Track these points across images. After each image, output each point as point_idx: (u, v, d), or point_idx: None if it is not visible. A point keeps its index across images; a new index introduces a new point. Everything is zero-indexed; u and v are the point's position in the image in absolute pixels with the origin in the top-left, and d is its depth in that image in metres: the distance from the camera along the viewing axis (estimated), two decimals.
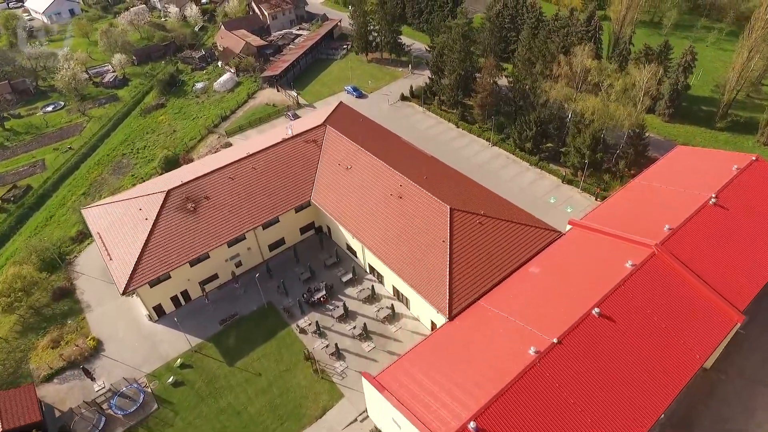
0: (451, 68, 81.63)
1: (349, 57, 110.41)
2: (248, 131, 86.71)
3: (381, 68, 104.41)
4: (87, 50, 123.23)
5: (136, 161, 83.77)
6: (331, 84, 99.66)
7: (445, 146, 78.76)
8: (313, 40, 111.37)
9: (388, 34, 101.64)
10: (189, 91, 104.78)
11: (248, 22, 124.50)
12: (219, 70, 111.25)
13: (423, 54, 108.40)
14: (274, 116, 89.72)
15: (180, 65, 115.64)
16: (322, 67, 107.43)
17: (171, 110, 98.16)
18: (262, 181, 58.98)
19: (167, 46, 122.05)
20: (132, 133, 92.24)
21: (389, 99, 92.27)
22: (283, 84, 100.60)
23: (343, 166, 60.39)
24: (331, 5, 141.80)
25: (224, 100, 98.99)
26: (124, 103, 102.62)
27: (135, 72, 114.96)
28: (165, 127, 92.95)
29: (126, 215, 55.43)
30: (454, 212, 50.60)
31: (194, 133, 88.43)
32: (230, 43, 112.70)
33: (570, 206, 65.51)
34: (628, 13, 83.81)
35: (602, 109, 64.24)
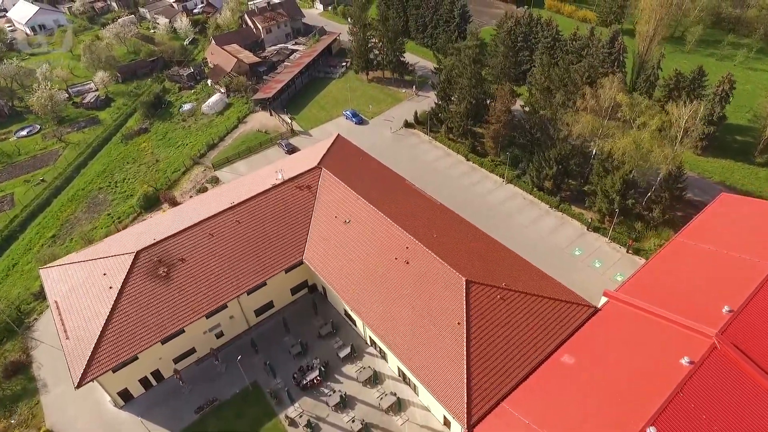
0: (461, 95, 73.86)
1: (348, 75, 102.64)
2: (237, 162, 78.93)
3: (383, 89, 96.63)
4: (69, 66, 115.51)
5: (113, 197, 75.99)
6: (329, 107, 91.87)
7: (455, 183, 71.02)
8: (310, 57, 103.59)
9: (390, 53, 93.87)
10: (175, 113, 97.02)
11: (241, 36, 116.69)
12: (208, 89, 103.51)
13: (428, 73, 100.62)
14: (267, 145, 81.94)
15: (167, 83, 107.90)
16: (320, 86, 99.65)
17: (155, 136, 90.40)
18: (248, 238, 51.26)
19: (154, 62, 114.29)
20: (111, 162, 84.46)
21: (392, 126, 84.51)
22: (276, 107, 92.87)
23: (341, 218, 52.67)
24: (329, 17, 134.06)
25: (213, 125, 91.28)
26: (104, 127, 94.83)
27: (119, 90, 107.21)
28: (147, 156, 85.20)
29: (88, 281, 47.71)
30: (472, 285, 42.90)
31: (178, 164, 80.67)
32: (221, 60, 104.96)
33: (598, 260, 57.77)
34: (657, 32, 75.79)
35: (634, 151, 56.53)
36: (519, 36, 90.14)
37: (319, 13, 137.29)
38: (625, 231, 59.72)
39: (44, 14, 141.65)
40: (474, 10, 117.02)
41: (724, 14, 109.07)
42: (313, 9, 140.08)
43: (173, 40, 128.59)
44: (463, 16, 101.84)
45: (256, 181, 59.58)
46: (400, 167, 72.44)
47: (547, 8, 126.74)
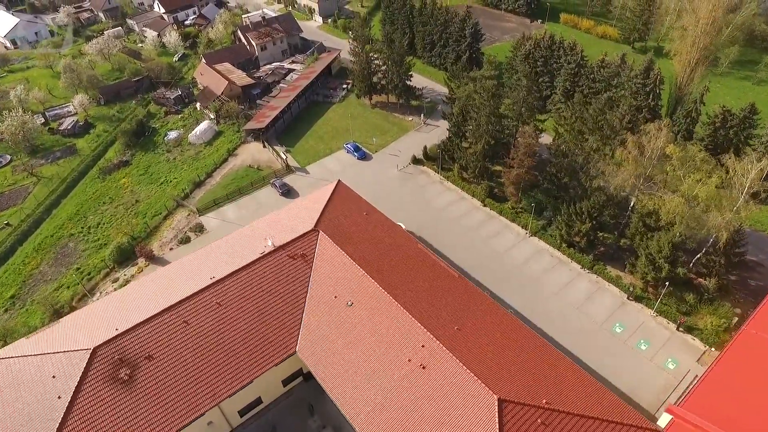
0: (477, 134, 65.23)
1: (349, 99, 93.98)
2: (225, 206, 70.28)
3: (387, 116, 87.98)
4: (47, 86, 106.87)
5: (85, 246, 67.43)
6: (328, 138, 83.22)
7: (471, 235, 62.46)
8: (308, 78, 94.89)
9: (396, 77, 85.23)
10: (160, 142, 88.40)
11: (233, 53, 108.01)
12: (197, 114, 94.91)
13: (437, 97, 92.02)
14: (258, 184, 73.33)
15: (152, 107, 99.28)
16: (318, 112, 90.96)
17: (136, 170, 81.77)
18: (231, 325, 42.68)
19: (139, 82, 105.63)
20: (86, 202, 75.88)
21: (398, 162, 75.88)
22: (270, 137, 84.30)
23: (342, 299, 44.14)
24: (329, 30, 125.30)
25: (200, 157, 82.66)
26: (81, 158, 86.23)
27: (101, 114, 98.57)
28: (126, 194, 76.60)
29: (35, 383, 39.16)
30: (506, 406, 34.37)
31: (160, 206, 72.13)
32: (211, 82, 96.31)
33: (644, 341, 49.24)
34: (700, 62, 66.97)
35: (687, 213, 48.01)
36: (538, 60, 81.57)
37: (318, 26, 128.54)
38: (673, 302, 51.19)
39: (25, 27, 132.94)
40: (484, 24, 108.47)
41: (758, 32, 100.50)
42: (312, 22, 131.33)
43: (162, 56, 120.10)
44: (475, 35, 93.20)
45: (242, 242, 51.03)
46: (408, 215, 64.41)
47: (562, 23, 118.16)
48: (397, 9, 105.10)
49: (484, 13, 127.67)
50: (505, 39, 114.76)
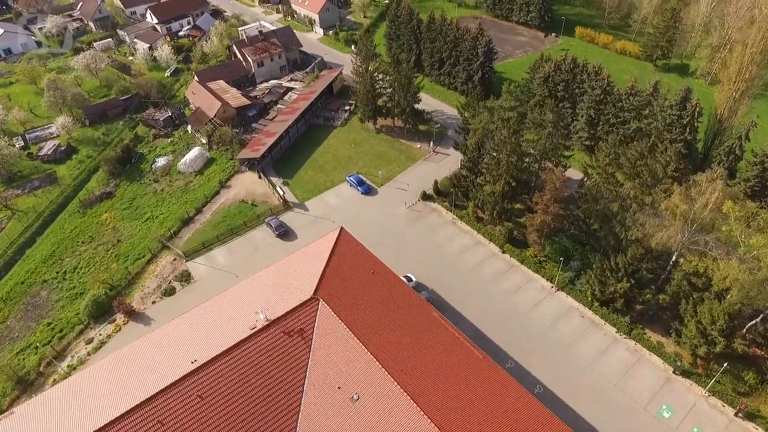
0: (496, 173, 58.34)
1: (352, 122, 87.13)
2: (215, 249, 63.51)
3: (393, 143, 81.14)
4: (29, 105, 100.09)
5: (59, 296, 60.65)
6: (329, 168, 76.36)
7: (489, 289, 55.67)
8: (308, 99, 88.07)
9: (403, 101, 78.40)
10: (147, 170, 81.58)
11: (228, 69, 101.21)
12: (187, 138, 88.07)
13: (447, 121, 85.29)
14: (252, 223, 66.56)
15: (141, 129, 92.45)
16: (319, 137, 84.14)
17: (119, 203, 74.94)
18: (214, 423, 35.90)
19: (128, 101, 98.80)
20: (63, 241, 69.10)
21: (406, 198, 69.05)
22: (266, 166, 77.54)
23: (347, 391, 37.34)
24: (330, 43, 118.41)
25: (189, 189, 75.85)
26: (62, 188, 79.42)
27: (85, 136, 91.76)
28: (107, 232, 69.78)
29: None
30: None
31: (143, 247, 65.36)
32: (203, 102, 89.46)
33: (697, 428, 42.41)
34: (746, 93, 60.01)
35: (748, 281, 41.23)
36: (559, 84, 74.77)
37: (318, 39, 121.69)
38: (729, 381, 44.41)
39: (10, 37, 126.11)
40: (494, 37, 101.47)
41: None
42: (312, 34, 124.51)
43: (153, 71, 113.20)
44: (488, 54, 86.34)
45: (230, 309, 44.28)
46: (419, 262, 58.22)
47: (577, 37, 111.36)
48: (402, 23, 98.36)
49: (494, 25, 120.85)
50: (517, 54, 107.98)
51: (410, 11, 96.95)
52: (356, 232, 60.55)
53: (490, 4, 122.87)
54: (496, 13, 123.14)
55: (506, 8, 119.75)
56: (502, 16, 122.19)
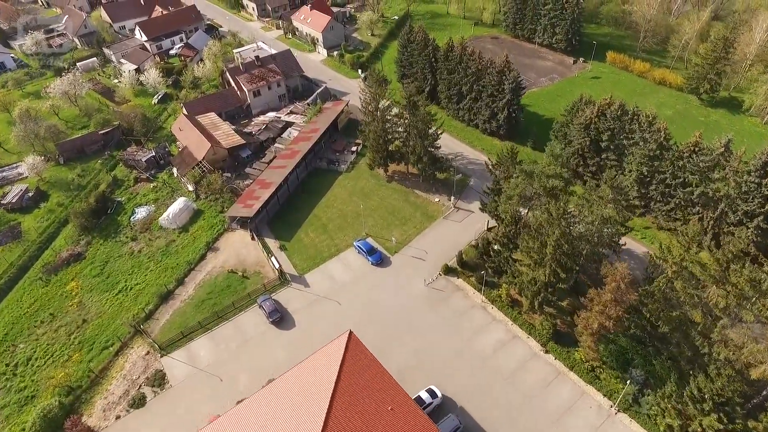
0: (538, 258, 47.48)
1: (360, 166, 76.34)
2: (197, 340, 52.88)
3: (408, 195, 70.35)
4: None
5: (4, 400, 50.04)
6: (334, 227, 65.62)
7: (531, 407, 44.89)
8: (309, 140, 77.36)
9: (420, 148, 67.60)
10: (125, 223, 71.02)
11: (221, 100, 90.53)
12: (173, 182, 77.45)
13: (468, 167, 74.65)
14: (242, 304, 55.89)
15: (120, 169, 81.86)
16: (321, 186, 73.39)
17: (89, 268, 64.29)
18: None
19: (108, 135, 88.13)
20: (19, 320, 58.52)
21: (425, 272, 58.29)
22: (261, 223, 66.94)
23: None
24: (334, 66, 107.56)
25: (171, 250, 65.20)
26: (25, 246, 68.88)
27: (58, 178, 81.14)
28: (72, 308, 59.22)
29: None
30: None
31: (111, 332, 54.84)
32: (191, 141, 78.85)
33: None
34: None
35: None
36: (603, 132, 63.96)
37: (321, 60, 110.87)
38: None
39: None
40: (516, 61, 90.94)
41: None
42: (315, 54, 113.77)
43: (139, 96, 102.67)
44: (516, 90, 75.47)
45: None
46: (442, 366, 48.95)
47: (609, 63, 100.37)
48: (416, 50, 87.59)
49: (515, 47, 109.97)
50: (543, 83, 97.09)
51: (425, 37, 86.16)
52: (367, 322, 51.10)
53: (510, 24, 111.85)
54: (516, 34, 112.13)
55: (528, 29, 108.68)
56: (523, 37, 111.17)
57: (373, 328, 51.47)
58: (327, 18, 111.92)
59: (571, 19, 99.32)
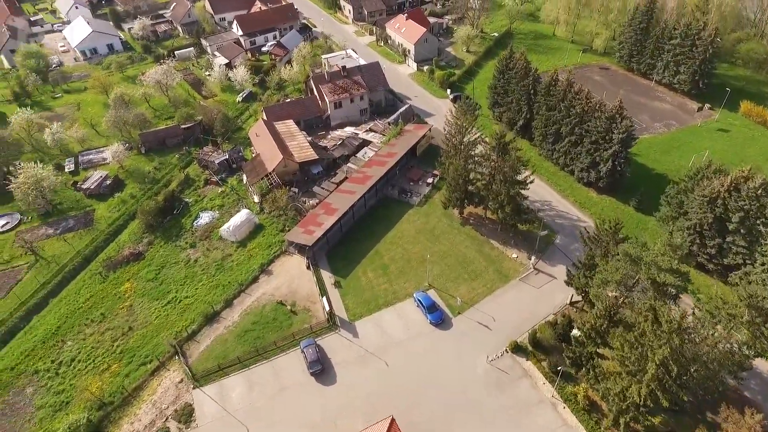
0: (634, 370, 38.51)
1: (433, 201, 69.87)
2: (231, 377, 49.49)
3: (482, 244, 62.82)
4: (91, 121, 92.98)
5: (42, 401, 49.68)
6: (395, 270, 59.76)
7: None
8: (384, 165, 72.04)
9: (504, 196, 59.84)
10: (188, 226, 69.99)
11: (301, 108, 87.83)
12: (241, 190, 75.54)
13: (556, 221, 65.72)
14: (285, 343, 51.79)
15: (194, 167, 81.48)
16: (389, 218, 67.76)
17: (146, 271, 63.51)
18: None
19: (190, 130, 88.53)
20: (73, 314, 58.69)
21: (489, 345, 50.80)
22: (319, 251, 62.72)
23: None
24: (423, 82, 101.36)
25: (226, 266, 62.77)
26: (94, 235, 69.86)
27: (137, 168, 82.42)
28: (123, 311, 58.44)
29: None
30: None
31: (152, 347, 53.07)
32: (264, 149, 76.58)
33: None
34: None
35: None
36: (734, 212, 52.58)
37: (410, 74, 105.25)
38: None
39: (97, 38, 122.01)
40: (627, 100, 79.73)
41: None
42: (404, 67, 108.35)
43: (226, 92, 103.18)
44: (626, 142, 65.15)
45: None
46: None
47: (742, 114, 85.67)
48: (514, 78, 79.26)
49: (628, 81, 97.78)
50: (656, 129, 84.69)
51: (526, 65, 77.55)
52: (413, 396, 45.55)
53: (625, 55, 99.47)
54: (631, 67, 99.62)
55: (646, 63, 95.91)
56: (639, 72, 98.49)
57: (418, 405, 45.28)
58: (422, 30, 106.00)
59: (701, 59, 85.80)
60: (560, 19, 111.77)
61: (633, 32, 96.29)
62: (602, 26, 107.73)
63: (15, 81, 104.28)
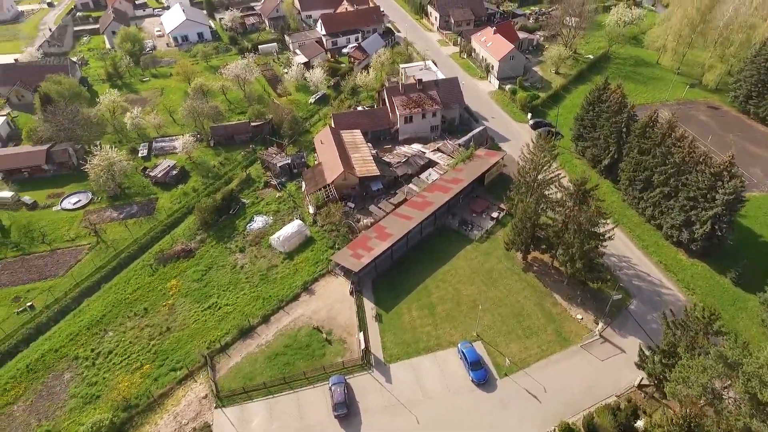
0: None
1: (495, 239, 64.17)
2: (254, 402, 47.43)
3: (544, 297, 56.38)
4: (170, 108, 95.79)
5: (75, 390, 50.37)
6: (442, 312, 55.00)
7: None
8: (448, 192, 67.26)
9: (578, 250, 53.02)
10: (240, 228, 69.37)
11: (370, 118, 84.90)
12: (298, 198, 73.95)
13: (633, 282, 57.83)
14: (314, 375, 48.96)
15: (256, 167, 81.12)
16: (445, 251, 62.97)
17: (194, 270, 63.32)
18: None
19: (259, 128, 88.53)
20: (119, 304, 59.56)
21: (535, 421, 44.87)
22: (364, 279, 59.28)
23: None
24: (503, 103, 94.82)
25: (270, 277, 61.12)
26: (153, 224, 71.17)
27: (204, 160, 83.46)
28: (165, 309, 58.49)
29: None
30: None
31: (185, 353, 52.34)
32: (326, 158, 74.45)
33: None
34: None
35: None
36: None
37: (490, 92, 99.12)
38: None
39: (190, 26, 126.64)
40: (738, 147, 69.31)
41: None
42: (485, 83, 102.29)
43: (300, 91, 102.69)
44: (732, 204, 55.74)
45: None
46: None
47: None
48: (605, 112, 71.27)
49: (740, 125, 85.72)
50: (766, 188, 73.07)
51: (621, 101, 69.33)
52: None
53: (742, 95, 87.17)
54: (747, 109, 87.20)
55: (766, 106, 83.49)
56: (756, 116, 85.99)
57: None
58: (509, 46, 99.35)
59: None
60: (667, 46, 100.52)
61: (755, 70, 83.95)
62: (717, 59, 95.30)
63: (110, 62, 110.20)
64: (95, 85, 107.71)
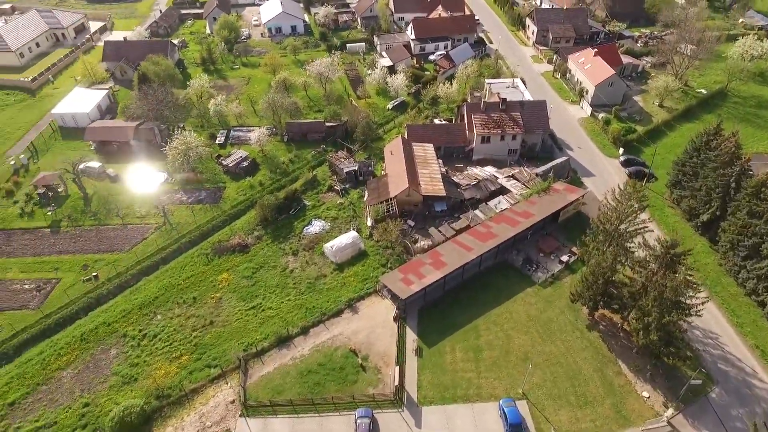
0: None
1: (561, 285, 58.38)
2: (279, 418, 46.17)
3: (607, 363, 50.12)
4: (252, 98, 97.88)
5: (118, 368, 52.09)
6: (487, 359, 50.55)
7: None
8: (515, 226, 62.24)
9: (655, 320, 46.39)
10: (298, 230, 68.93)
11: (444, 134, 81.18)
12: (358, 208, 72.21)
13: (719, 365, 49.95)
14: (342, 403, 46.85)
15: (323, 170, 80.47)
16: (502, 289, 58.15)
17: (246, 266, 63.61)
18: None
19: (332, 129, 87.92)
20: (172, 288, 61.14)
21: None
22: (411, 306, 56.17)
23: None
24: (592, 132, 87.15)
25: (317, 287, 59.89)
26: (217, 213, 72.64)
27: (275, 155, 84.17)
28: (212, 302, 59.18)
29: None
30: None
31: (222, 352, 52.41)
32: (393, 170, 72.03)
33: None
34: None
35: None
36: None
37: (580, 119, 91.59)
38: None
39: (285, 18, 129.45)
40: None
41: None
42: (576, 108, 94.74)
43: (380, 95, 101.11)
44: None
45: None
46: None
47: None
48: (712, 160, 62.46)
49: None
50: None
51: (735, 151, 60.35)
52: None
53: None
54: None
55: None
56: None
57: None
58: (609, 72, 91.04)
59: None
60: None
61: None
62: None
63: (206, 47, 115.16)
64: (190, 68, 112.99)
